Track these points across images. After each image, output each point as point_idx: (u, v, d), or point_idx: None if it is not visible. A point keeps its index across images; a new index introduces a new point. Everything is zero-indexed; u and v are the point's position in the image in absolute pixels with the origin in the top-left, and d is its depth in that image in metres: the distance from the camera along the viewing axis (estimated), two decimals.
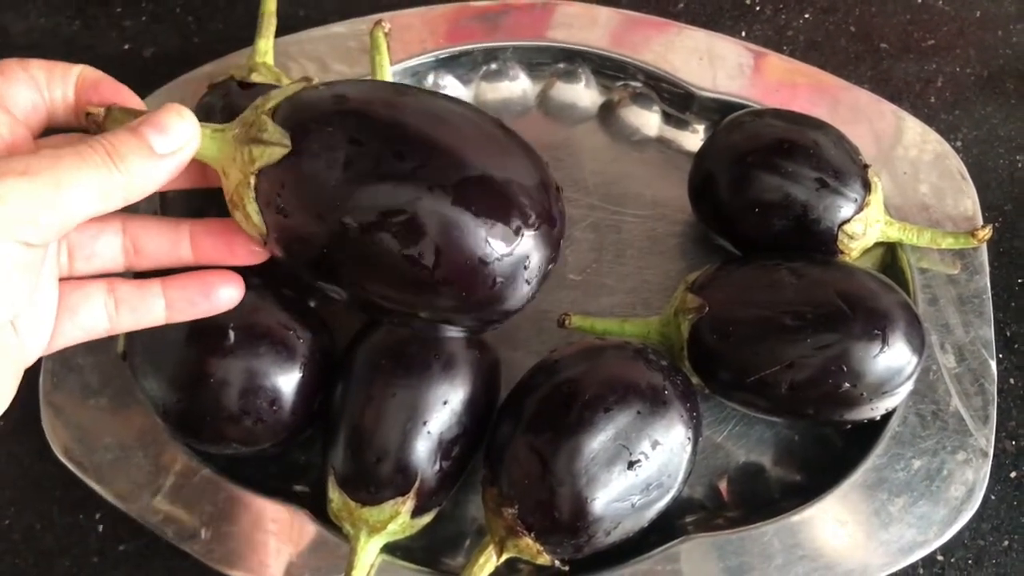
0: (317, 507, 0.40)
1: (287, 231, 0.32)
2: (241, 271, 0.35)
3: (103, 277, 0.33)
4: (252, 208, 0.32)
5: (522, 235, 0.31)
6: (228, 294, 0.35)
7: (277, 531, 0.40)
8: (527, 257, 0.32)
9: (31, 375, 0.44)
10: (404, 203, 0.30)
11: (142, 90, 0.35)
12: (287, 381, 0.38)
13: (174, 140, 0.30)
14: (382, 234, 0.31)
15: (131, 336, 0.39)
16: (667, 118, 0.52)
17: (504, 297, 0.33)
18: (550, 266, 0.33)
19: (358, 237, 0.31)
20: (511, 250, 0.31)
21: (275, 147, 0.31)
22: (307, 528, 0.40)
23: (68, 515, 0.44)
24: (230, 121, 0.33)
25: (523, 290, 0.33)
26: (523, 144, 0.34)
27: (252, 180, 0.32)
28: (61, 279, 0.32)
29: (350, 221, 0.31)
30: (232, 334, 0.38)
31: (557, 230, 0.33)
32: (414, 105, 0.32)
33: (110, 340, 0.43)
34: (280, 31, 0.48)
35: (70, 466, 0.42)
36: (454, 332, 0.36)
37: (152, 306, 0.34)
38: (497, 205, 0.31)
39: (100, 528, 0.44)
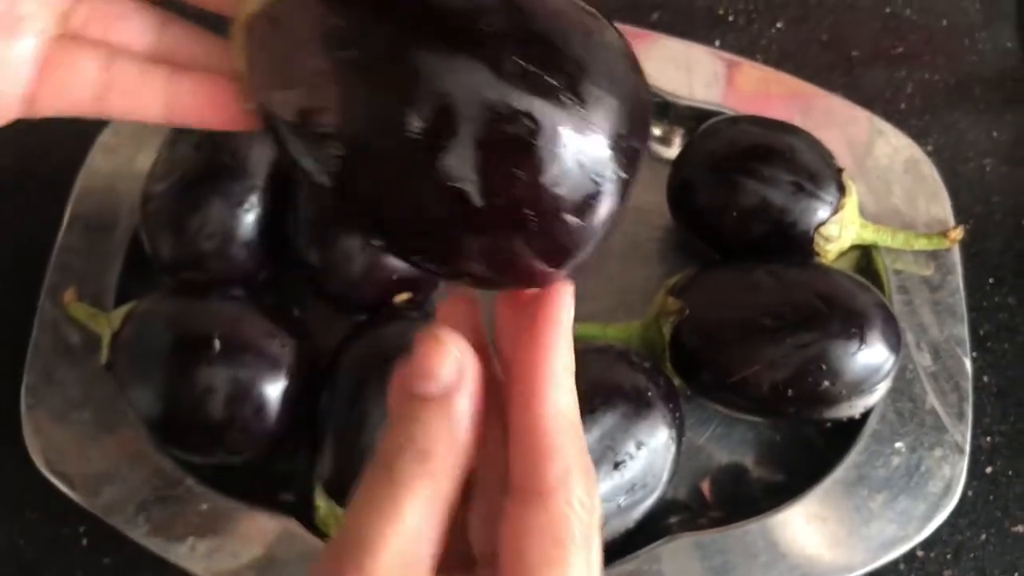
0: (304, 516, 0.40)
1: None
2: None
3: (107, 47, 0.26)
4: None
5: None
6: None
7: (263, 540, 0.40)
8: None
9: (12, 386, 0.44)
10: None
11: None
12: (273, 389, 0.39)
13: None
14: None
15: (116, 346, 0.39)
16: None
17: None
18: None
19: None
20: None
21: None
22: (294, 537, 0.40)
23: (51, 528, 0.44)
24: None
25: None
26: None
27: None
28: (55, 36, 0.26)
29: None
30: (217, 343, 0.38)
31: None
32: None
33: (94, 353, 0.43)
34: None
35: (53, 479, 0.42)
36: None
37: (149, 99, 0.26)
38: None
39: (84, 541, 0.44)
